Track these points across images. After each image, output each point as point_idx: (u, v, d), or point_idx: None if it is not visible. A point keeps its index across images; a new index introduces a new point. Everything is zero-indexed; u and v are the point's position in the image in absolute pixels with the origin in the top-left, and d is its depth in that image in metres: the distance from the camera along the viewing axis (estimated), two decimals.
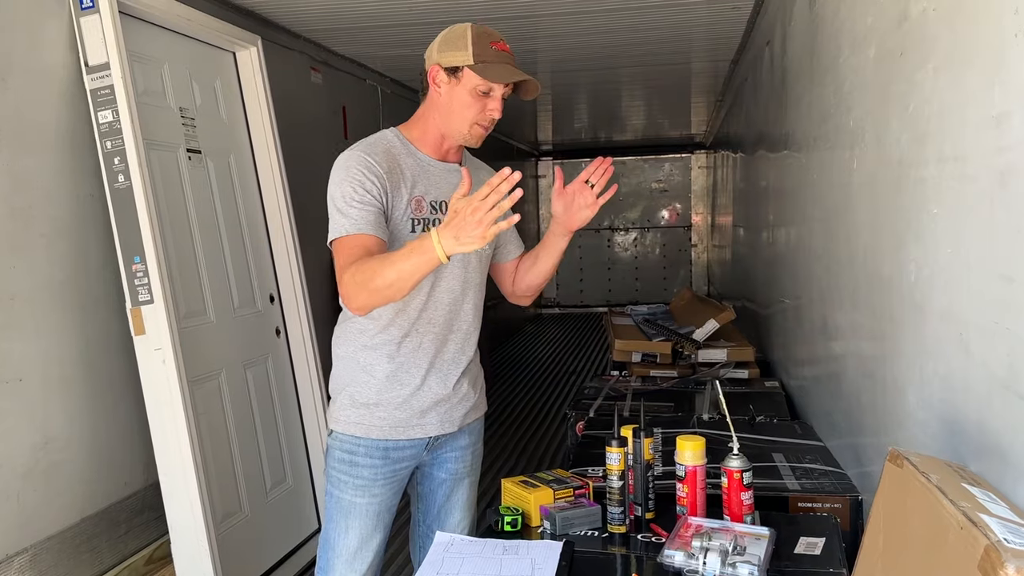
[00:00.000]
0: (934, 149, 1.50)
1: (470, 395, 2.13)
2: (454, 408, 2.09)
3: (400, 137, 2.01)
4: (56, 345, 2.75)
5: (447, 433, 2.10)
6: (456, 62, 1.91)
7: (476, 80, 1.91)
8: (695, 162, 12.13)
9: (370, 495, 2.04)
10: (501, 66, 1.92)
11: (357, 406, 2.04)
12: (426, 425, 2.05)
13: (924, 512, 1.15)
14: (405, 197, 1.95)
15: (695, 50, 5.58)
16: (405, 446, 2.05)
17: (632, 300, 11.50)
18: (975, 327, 1.32)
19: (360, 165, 1.89)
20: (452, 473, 2.17)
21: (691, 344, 4.06)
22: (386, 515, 2.09)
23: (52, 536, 2.67)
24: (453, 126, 1.96)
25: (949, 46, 1.44)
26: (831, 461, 2.53)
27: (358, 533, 2.05)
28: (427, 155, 2.01)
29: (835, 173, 2.43)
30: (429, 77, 1.97)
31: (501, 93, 1.95)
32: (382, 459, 2.04)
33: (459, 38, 1.92)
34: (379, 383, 2.02)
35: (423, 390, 2.03)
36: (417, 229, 1.95)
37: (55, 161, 2.78)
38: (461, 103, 1.93)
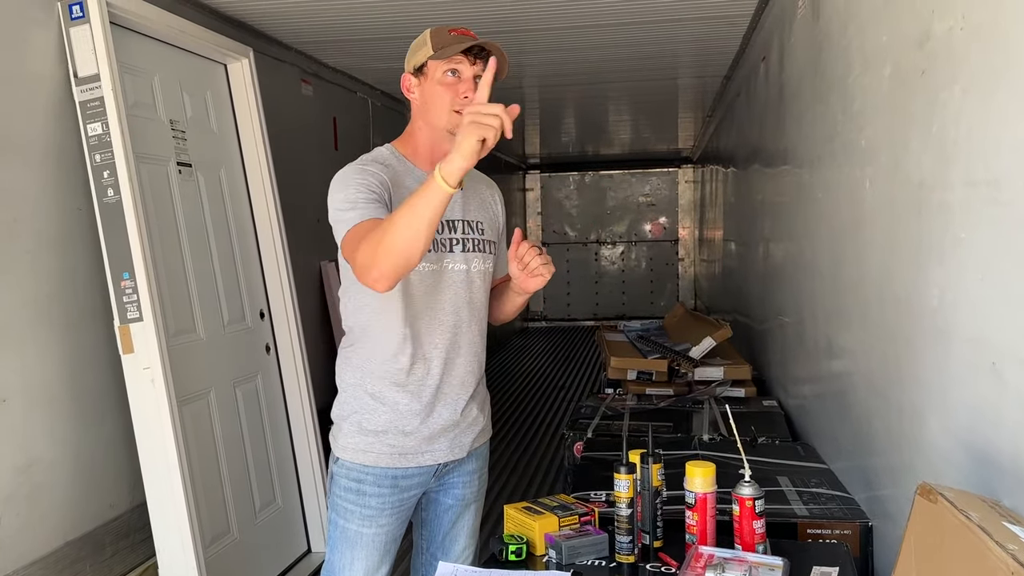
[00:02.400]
0: (961, 172, 1.46)
1: (479, 420, 2.06)
2: (463, 433, 2.02)
3: (395, 153, 1.96)
4: (41, 363, 2.66)
5: (456, 459, 2.03)
6: (419, 60, 1.89)
7: (440, 67, 1.86)
8: (682, 176, 12.15)
9: (377, 525, 1.97)
10: (458, 44, 1.86)
11: (365, 433, 1.96)
12: (435, 451, 1.98)
13: (966, 554, 1.10)
14: None
15: (685, 65, 5.57)
16: (414, 474, 1.98)
17: (619, 314, 11.48)
18: (1011, 356, 1.28)
19: (359, 171, 1.86)
20: (459, 499, 2.10)
21: (687, 362, 4.01)
22: (392, 546, 2.02)
23: (35, 561, 2.58)
24: (435, 122, 1.90)
25: (979, 66, 1.40)
26: (837, 485, 2.49)
27: (364, 564, 1.97)
28: (423, 170, 1.94)
29: (844, 192, 2.39)
30: (404, 89, 1.95)
31: (470, 74, 1.87)
32: (391, 488, 1.97)
33: (420, 41, 1.90)
34: (388, 410, 1.95)
35: (433, 417, 1.96)
36: None
37: (42, 174, 2.70)
38: (433, 96, 1.88)
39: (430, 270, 1.91)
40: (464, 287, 1.97)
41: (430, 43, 1.87)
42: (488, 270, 2.03)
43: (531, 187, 12.62)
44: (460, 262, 1.95)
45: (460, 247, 1.95)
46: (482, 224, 2.01)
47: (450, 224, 1.94)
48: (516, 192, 12.18)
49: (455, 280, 1.95)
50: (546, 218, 12.63)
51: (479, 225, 2.00)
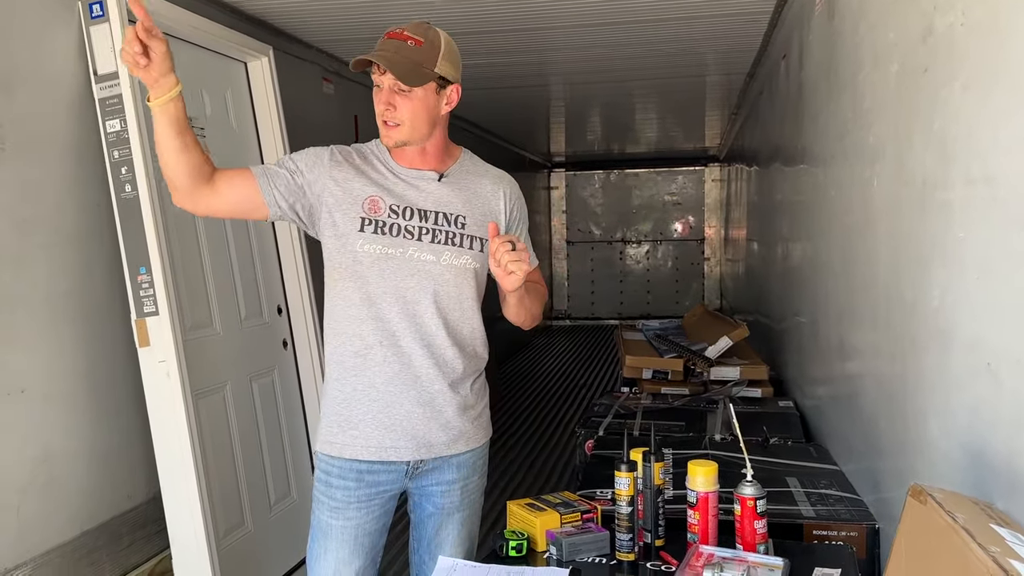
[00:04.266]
0: (961, 170, 1.45)
1: (455, 423, 1.99)
2: (432, 433, 1.97)
3: (378, 145, 2.00)
4: (59, 356, 2.71)
5: (425, 460, 1.99)
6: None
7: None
8: (708, 175, 12.06)
9: (344, 518, 1.96)
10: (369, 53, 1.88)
11: (330, 424, 1.98)
12: (400, 449, 1.95)
13: (950, 555, 1.09)
14: (357, 195, 1.92)
15: (710, 63, 5.53)
16: (380, 470, 1.96)
17: (644, 313, 11.43)
18: (1006, 357, 1.26)
19: (321, 149, 1.97)
20: (439, 508, 2.06)
21: (703, 361, 3.99)
22: (366, 540, 1.99)
23: (52, 550, 2.63)
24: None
25: (978, 63, 1.38)
26: (847, 487, 2.47)
27: (335, 556, 1.97)
28: (398, 163, 1.97)
29: (854, 191, 2.37)
30: None
31: (386, 84, 1.88)
32: (355, 481, 1.96)
33: None
34: (346, 399, 1.96)
35: (393, 408, 1.94)
36: (367, 229, 1.90)
37: (62, 170, 2.75)
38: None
39: (385, 253, 1.91)
40: (428, 279, 1.93)
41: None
42: (467, 266, 1.97)
43: (556, 185, 12.61)
44: (427, 252, 1.93)
45: (430, 237, 1.93)
46: (464, 219, 1.97)
47: (421, 213, 1.93)
48: (541, 190, 12.19)
49: (418, 270, 1.92)
50: (571, 216, 12.61)
51: (459, 219, 1.96)
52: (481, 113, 7.58)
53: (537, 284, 2.13)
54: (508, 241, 1.83)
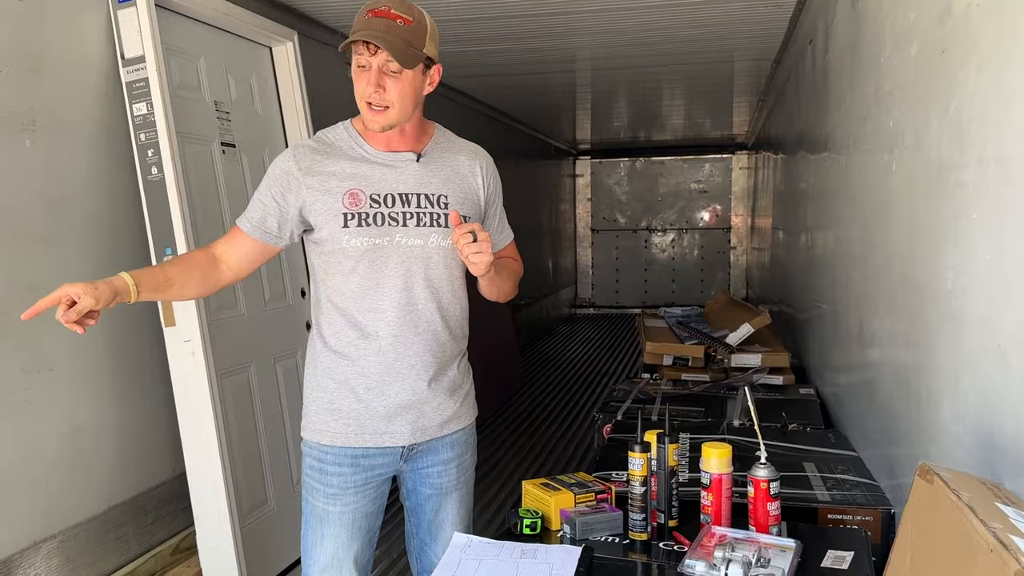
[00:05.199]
0: (975, 151, 1.44)
1: (447, 404, 2.00)
2: (426, 416, 1.97)
3: (349, 129, 1.94)
4: (87, 335, 2.75)
5: (420, 443, 1.99)
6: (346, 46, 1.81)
7: (353, 56, 1.81)
8: (736, 163, 11.97)
9: (342, 503, 1.96)
10: (360, 33, 1.77)
11: (322, 412, 1.96)
12: (395, 433, 1.95)
13: (954, 531, 1.10)
14: (334, 192, 1.87)
15: (736, 48, 5.49)
16: (375, 454, 1.96)
17: (668, 302, 11.38)
18: (1015, 338, 1.26)
19: (282, 162, 1.91)
20: (437, 488, 2.06)
21: (724, 348, 3.99)
22: (363, 523, 2.00)
23: (80, 523, 2.70)
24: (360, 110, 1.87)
25: (993, 44, 1.37)
26: (864, 472, 2.46)
27: (333, 542, 1.97)
28: (373, 148, 1.92)
29: (873, 175, 2.36)
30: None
31: (375, 64, 1.78)
32: (351, 467, 1.95)
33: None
34: (338, 387, 1.94)
35: (387, 394, 1.93)
36: (350, 224, 1.86)
37: (90, 152, 2.81)
38: (354, 84, 1.84)
39: (373, 244, 1.88)
40: (419, 263, 1.91)
41: (353, 27, 1.80)
42: (450, 247, 1.93)
43: (581, 173, 12.58)
44: (414, 237, 1.89)
45: (415, 221, 1.89)
46: (446, 198, 1.94)
47: (403, 198, 1.89)
48: (566, 178, 12.16)
49: (408, 256, 1.90)
50: (596, 204, 12.58)
51: (442, 199, 1.93)
52: (506, 100, 7.58)
53: (511, 260, 2.12)
54: (469, 231, 1.82)
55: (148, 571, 2.96)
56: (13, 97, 2.50)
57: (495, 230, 2.10)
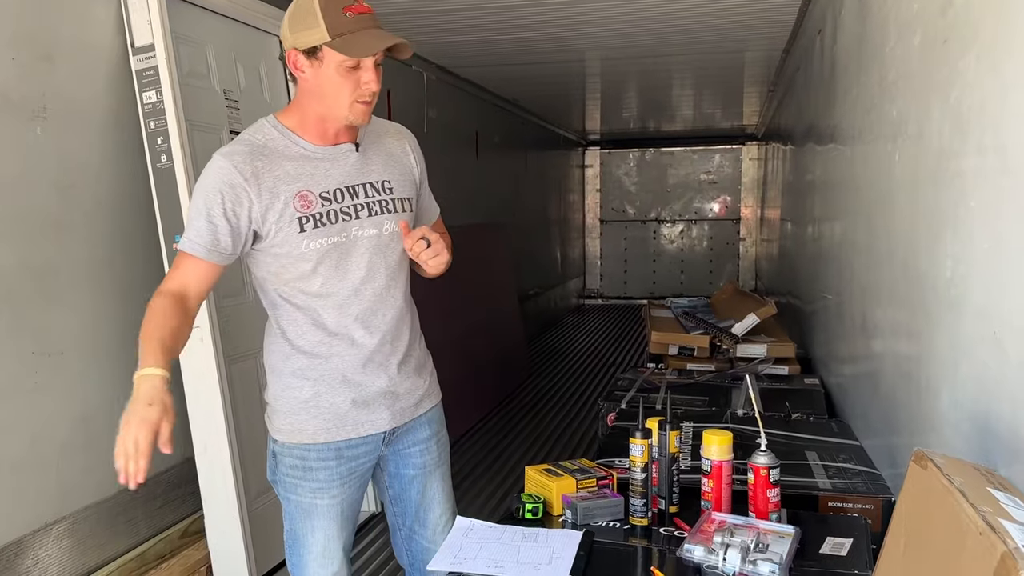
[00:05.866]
0: (974, 140, 1.45)
1: (418, 384, 2.02)
2: (401, 398, 1.99)
3: (278, 127, 1.84)
4: (97, 320, 2.81)
5: (400, 425, 2.00)
6: (312, 41, 1.72)
7: (339, 57, 1.72)
8: (746, 154, 11.92)
9: (329, 496, 1.95)
10: (363, 34, 1.72)
11: (299, 412, 1.92)
12: (376, 421, 1.95)
13: (945, 515, 1.11)
14: (283, 197, 1.79)
15: (747, 38, 5.48)
16: (358, 443, 1.95)
17: (677, 293, 11.38)
18: (1010, 326, 1.27)
19: (221, 174, 1.77)
20: (420, 468, 2.07)
21: (729, 338, 4.00)
22: (349, 512, 2.01)
23: (90, 506, 2.74)
24: (331, 110, 1.79)
25: (992, 33, 1.38)
26: (866, 461, 2.47)
27: (324, 533, 1.97)
28: (311, 143, 1.84)
29: (877, 165, 2.36)
30: (289, 63, 1.79)
31: (373, 62, 1.75)
32: (336, 459, 1.94)
33: (309, 13, 1.71)
34: (314, 384, 1.91)
35: (364, 385, 1.93)
36: (307, 227, 1.80)
37: (100, 140, 2.83)
38: (331, 84, 1.75)
39: (332, 243, 1.84)
40: (378, 252, 1.90)
41: (323, 23, 1.70)
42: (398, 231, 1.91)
43: (590, 164, 12.56)
44: (370, 227, 1.87)
45: (367, 212, 1.87)
46: (389, 183, 1.92)
47: (351, 190, 1.86)
48: (575, 168, 12.15)
49: (367, 247, 1.88)
50: (605, 195, 12.57)
51: (386, 185, 1.91)
52: (515, 89, 7.58)
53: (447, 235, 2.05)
54: (420, 238, 1.83)
55: (157, 554, 3.00)
56: (25, 84, 2.53)
57: (427, 206, 2.10)
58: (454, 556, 1.78)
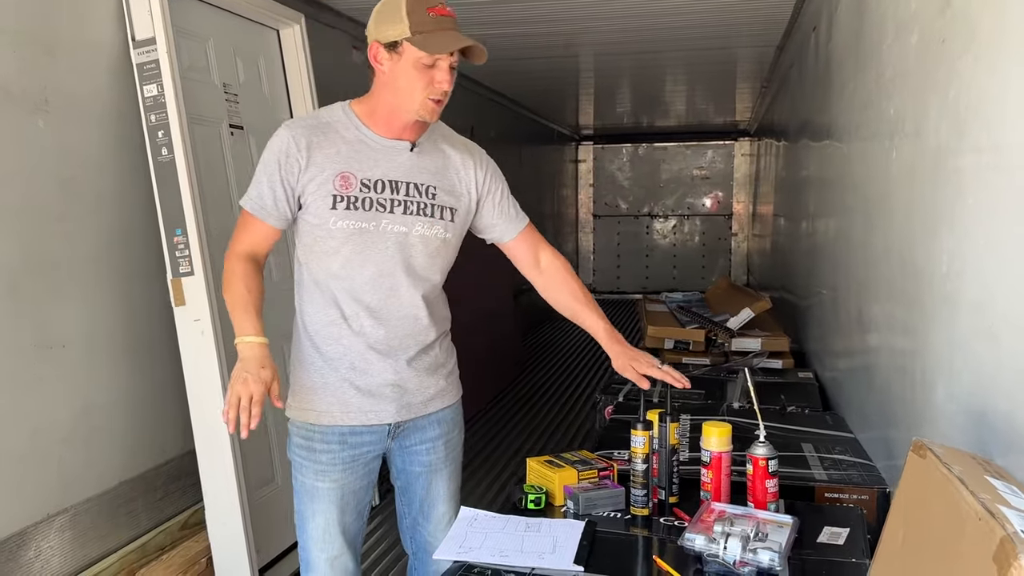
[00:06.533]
0: (972, 138, 1.48)
1: (429, 383, 2.07)
2: (410, 394, 2.03)
3: (347, 111, 1.96)
4: (99, 313, 2.82)
5: (406, 420, 2.05)
6: (393, 36, 1.82)
7: (417, 53, 1.81)
8: (738, 149, 11.97)
9: (331, 480, 2.01)
10: (442, 34, 1.82)
11: (307, 391, 2.00)
12: (380, 411, 2.01)
13: (944, 503, 1.15)
14: (327, 172, 1.90)
15: (740, 35, 5.51)
16: (362, 431, 2.01)
17: (669, 288, 11.40)
18: (1006, 320, 1.31)
19: (281, 143, 1.92)
20: (426, 466, 2.12)
21: (724, 332, 4.03)
22: (352, 498, 2.05)
23: (91, 498, 2.75)
24: (402, 103, 1.87)
25: (990, 34, 1.41)
26: (861, 453, 2.51)
27: (324, 517, 2.03)
28: (373, 132, 1.93)
29: (874, 162, 2.40)
30: (370, 55, 1.89)
31: (448, 63, 1.84)
32: (339, 444, 2.00)
33: (394, 9, 1.81)
34: (323, 366, 1.99)
35: (370, 373, 1.98)
36: (339, 206, 1.90)
37: (101, 133, 2.84)
38: (406, 79, 1.84)
39: (358, 228, 1.91)
40: (398, 249, 1.95)
41: (407, 20, 1.80)
42: (437, 236, 1.99)
43: (583, 158, 12.58)
44: (399, 224, 1.94)
45: (402, 209, 1.94)
46: (434, 189, 1.98)
47: (393, 184, 1.93)
48: (568, 163, 12.17)
49: (392, 241, 1.94)
50: (598, 190, 12.59)
51: (430, 189, 1.98)
52: (509, 84, 7.59)
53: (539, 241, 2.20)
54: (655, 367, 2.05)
55: (158, 545, 3.02)
56: (27, 77, 2.54)
57: (503, 220, 2.13)
58: (459, 545, 1.81)
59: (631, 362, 2.07)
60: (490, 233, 2.14)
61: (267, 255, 2.05)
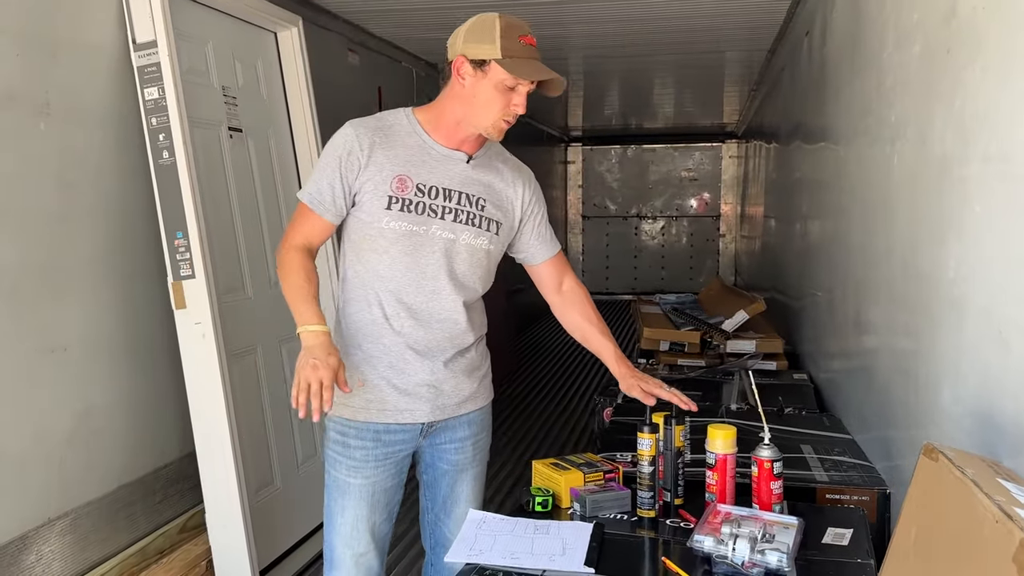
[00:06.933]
0: (979, 148, 1.51)
1: (464, 385, 2.11)
2: (445, 395, 2.08)
3: (410, 117, 2.03)
4: (99, 316, 2.81)
5: (439, 420, 2.09)
6: (483, 55, 1.89)
7: (503, 75, 1.90)
8: (726, 151, 12.04)
9: (363, 476, 2.06)
10: (529, 62, 1.91)
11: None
12: (415, 411, 2.05)
13: (958, 505, 1.17)
14: (385, 173, 1.96)
15: (730, 39, 5.55)
16: (396, 430, 2.06)
17: (658, 288, 11.47)
18: (1015, 324, 1.33)
19: (345, 140, 1.97)
20: (453, 464, 2.17)
21: (720, 334, 4.07)
22: (383, 496, 2.09)
23: (92, 502, 2.75)
24: (476, 119, 1.95)
25: (998, 45, 1.44)
26: (859, 454, 2.55)
27: (353, 513, 2.07)
28: (433, 140, 2.00)
29: (875, 167, 2.43)
30: (453, 67, 1.95)
31: (527, 89, 1.94)
32: (373, 441, 2.05)
33: (487, 30, 1.89)
34: (361, 363, 2.03)
35: (407, 373, 2.03)
36: (394, 207, 1.95)
37: (103, 136, 2.84)
38: (486, 97, 1.92)
39: (409, 230, 1.97)
40: (443, 255, 2.01)
41: (499, 43, 1.88)
42: (482, 247, 2.05)
43: (573, 160, 12.62)
44: (447, 231, 2.00)
45: (452, 216, 2.00)
46: (484, 201, 2.05)
47: (445, 192, 2.00)
48: (557, 164, 12.19)
49: (437, 246, 2.00)
50: (587, 191, 12.63)
51: (480, 202, 2.04)
52: None
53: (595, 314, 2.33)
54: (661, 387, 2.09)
55: (157, 549, 3.01)
56: (29, 80, 2.53)
57: (537, 242, 2.21)
58: (470, 548, 1.82)
59: (639, 383, 2.10)
60: (523, 253, 2.22)
61: (318, 248, 2.08)
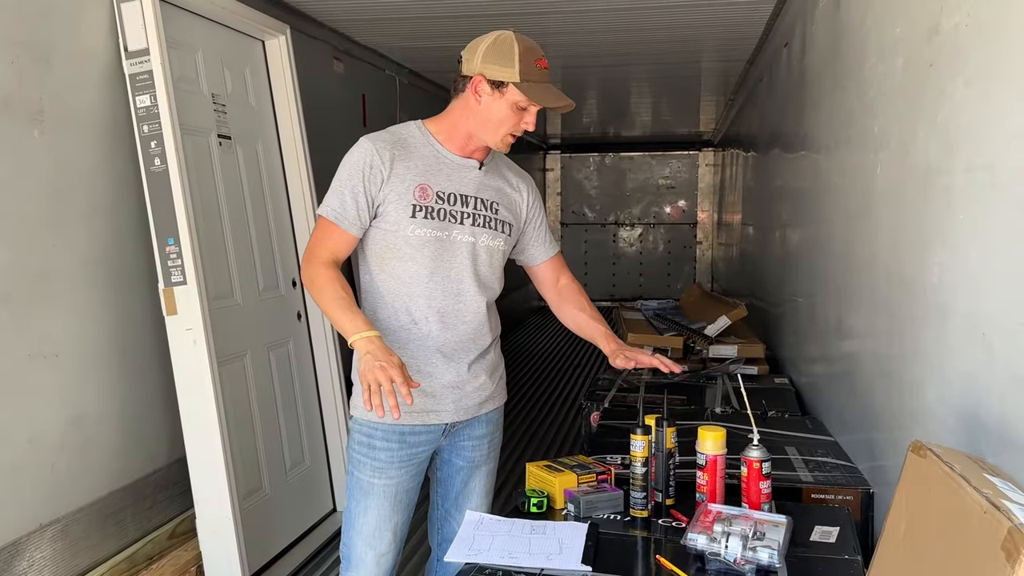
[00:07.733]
0: (963, 159, 1.57)
1: (487, 384, 2.19)
2: (468, 396, 2.15)
3: (422, 130, 2.11)
4: (91, 322, 2.82)
5: (462, 420, 2.16)
6: (502, 77, 1.98)
7: (519, 97, 1.99)
8: (702, 160, 12.17)
9: (387, 477, 2.11)
10: (545, 87, 2.01)
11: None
12: (441, 412, 2.12)
13: (947, 499, 1.23)
14: (407, 183, 2.03)
15: (708, 49, 5.63)
16: (421, 431, 2.12)
17: (636, 295, 11.57)
18: (999, 327, 1.40)
19: (365, 154, 2.02)
20: (469, 461, 2.24)
21: (702, 339, 4.13)
22: (404, 497, 2.15)
23: (83, 507, 2.75)
24: (487, 134, 2.05)
25: (981, 61, 1.51)
26: (842, 455, 2.61)
27: (376, 513, 2.12)
28: (447, 149, 2.09)
29: (857, 177, 2.50)
30: (471, 85, 2.02)
31: (537, 108, 2.03)
32: (399, 443, 2.10)
33: (506, 53, 1.98)
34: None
35: (434, 376, 2.09)
36: (418, 215, 2.02)
37: (95, 143, 2.85)
38: (500, 116, 2.01)
39: (434, 236, 2.05)
40: (468, 258, 2.10)
41: (518, 66, 1.97)
42: (497, 248, 2.15)
43: (551, 167, 12.69)
44: (467, 235, 2.09)
45: (471, 221, 2.09)
46: (497, 205, 2.15)
47: (463, 198, 2.09)
48: (536, 172, 12.26)
49: (460, 250, 2.08)
50: (565, 199, 12.71)
51: (494, 205, 2.14)
52: None
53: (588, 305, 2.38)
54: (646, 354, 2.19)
55: (146, 555, 3.01)
56: (23, 87, 2.54)
57: (538, 244, 2.30)
58: (468, 548, 1.86)
59: (623, 351, 2.20)
60: (524, 254, 2.31)
61: (343, 260, 2.11)
